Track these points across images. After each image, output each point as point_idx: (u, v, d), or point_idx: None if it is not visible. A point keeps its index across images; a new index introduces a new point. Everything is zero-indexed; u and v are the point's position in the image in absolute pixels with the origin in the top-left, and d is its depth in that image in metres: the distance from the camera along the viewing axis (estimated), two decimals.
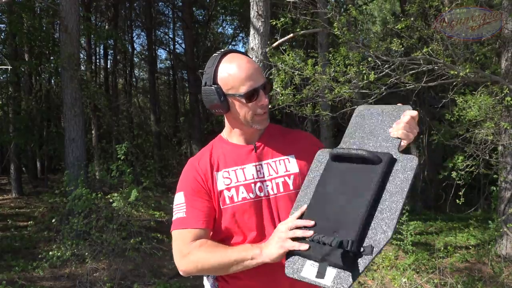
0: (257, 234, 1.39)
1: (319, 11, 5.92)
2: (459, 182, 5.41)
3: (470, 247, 6.52)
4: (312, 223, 1.22)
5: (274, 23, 5.32)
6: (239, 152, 1.46)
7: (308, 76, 5.25)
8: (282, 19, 5.32)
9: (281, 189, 1.43)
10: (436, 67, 5.08)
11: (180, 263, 1.39)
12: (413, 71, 5.26)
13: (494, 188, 6.17)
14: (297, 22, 5.91)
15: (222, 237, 1.43)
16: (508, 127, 5.49)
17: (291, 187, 1.43)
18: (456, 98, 5.42)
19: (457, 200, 5.41)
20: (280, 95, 5.38)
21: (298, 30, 5.74)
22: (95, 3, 14.86)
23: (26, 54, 11.93)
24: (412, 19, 4.96)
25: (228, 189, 1.41)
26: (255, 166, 1.44)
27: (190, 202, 1.41)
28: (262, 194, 1.41)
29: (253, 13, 5.48)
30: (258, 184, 1.42)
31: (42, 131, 12.66)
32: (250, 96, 1.37)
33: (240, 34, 19.63)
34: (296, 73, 5.27)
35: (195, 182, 1.42)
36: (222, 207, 1.41)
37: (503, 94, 5.32)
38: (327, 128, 7.61)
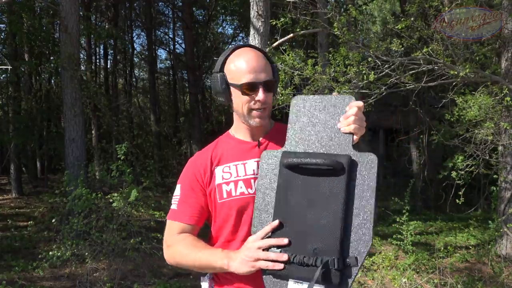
0: (248, 230, 1.37)
1: (319, 11, 5.92)
2: (459, 182, 5.40)
3: (470, 247, 6.51)
4: (286, 241, 1.19)
5: (274, 23, 5.32)
6: (242, 148, 1.47)
7: (308, 76, 5.25)
8: (282, 19, 5.32)
9: None
10: (436, 67, 5.07)
11: (164, 252, 1.46)
12: (413, 71, 5.26)
13: (494, 188, 6.16)
14: (297, 22, 5.91)
15: (217, 229, 1.45)
16: (508, 127, 5.49)
17: None
18: (455, 99, 5.42)
19: (457, 200, 5.41)
20: (280, 95, 5.38)
21: (298, 30, 5.74)
22: (95, 3, 14.85)
23: (26, 54, 11.93)
24: (412, 19, 4.95)
25: (227, 183, 1.41)
26: (257, 162, 1.42)
27: (184, 197, 1.45)
28: None
29: (253, 13, 5.47)
30: None
31: (42, 131, 12.67)
32: (247, 88, 1.37)
33: (240, 34, 19.62)
34: (296, 73, 5.27)
35: (193, 178, 1.45)
36: (219, 201, 1.42)
37: (502, 94, 5.32)
38: None
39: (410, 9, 5.07)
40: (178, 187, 1.49)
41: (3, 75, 11.25)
